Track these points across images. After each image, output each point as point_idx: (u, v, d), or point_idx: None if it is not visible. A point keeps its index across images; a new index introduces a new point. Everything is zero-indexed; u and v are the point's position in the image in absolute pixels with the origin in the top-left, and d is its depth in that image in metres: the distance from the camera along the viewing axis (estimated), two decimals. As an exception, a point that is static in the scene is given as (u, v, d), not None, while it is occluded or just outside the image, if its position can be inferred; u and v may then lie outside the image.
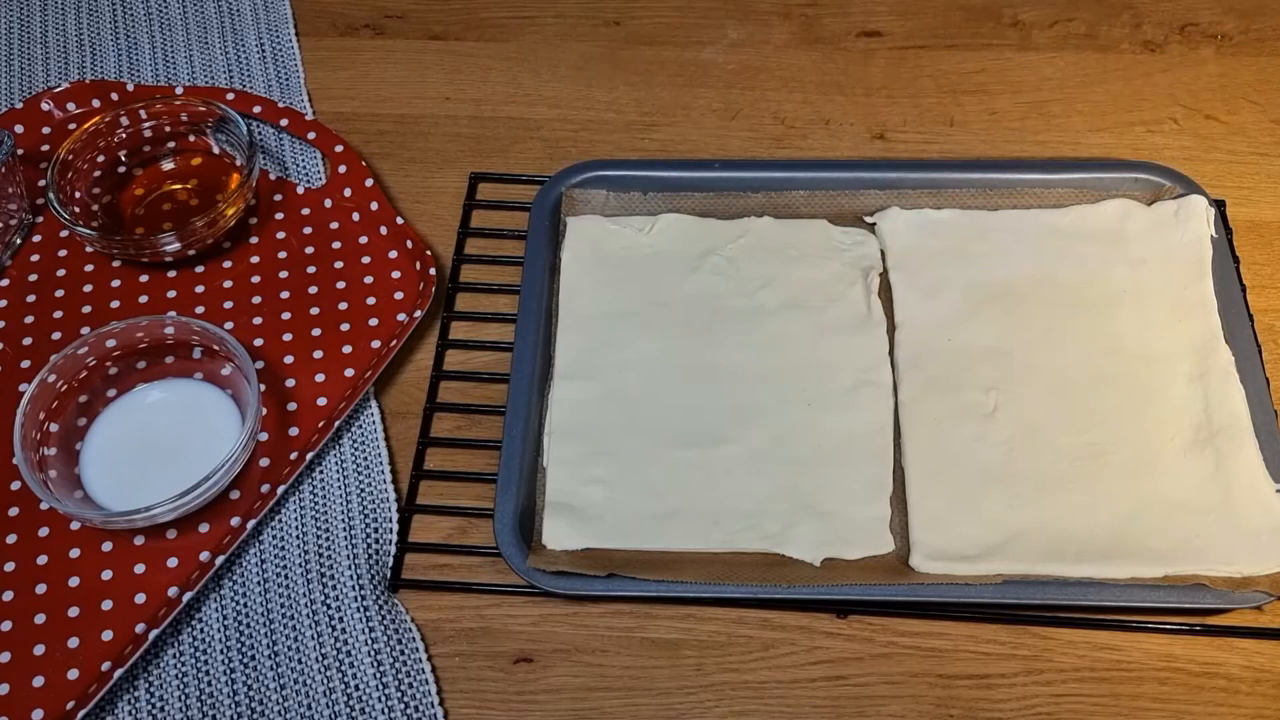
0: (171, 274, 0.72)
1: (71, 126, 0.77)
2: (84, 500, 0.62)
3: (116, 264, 0.72)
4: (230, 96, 0.79)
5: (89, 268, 0.72)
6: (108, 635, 0.59)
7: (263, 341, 0.69)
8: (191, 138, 0.77)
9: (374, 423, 0.67)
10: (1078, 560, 0.60)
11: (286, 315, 0.70)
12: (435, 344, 0.70)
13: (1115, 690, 0.58)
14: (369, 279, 0.71)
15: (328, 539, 0.63)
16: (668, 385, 0.67)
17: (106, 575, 0.61)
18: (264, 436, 0.65)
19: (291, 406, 0.66)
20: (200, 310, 0.70)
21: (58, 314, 0.70)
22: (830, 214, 0.73)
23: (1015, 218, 0.72)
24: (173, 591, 0.60)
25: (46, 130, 0.78)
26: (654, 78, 0.83)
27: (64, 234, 0.74)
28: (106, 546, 0.62)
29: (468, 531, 0.64)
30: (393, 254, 0.72)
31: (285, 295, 0.71)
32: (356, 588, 0.61)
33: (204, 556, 0.61)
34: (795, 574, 0.60)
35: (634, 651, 0.60)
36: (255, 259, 0.73)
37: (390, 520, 0.64)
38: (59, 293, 0.71)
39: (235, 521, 0.62)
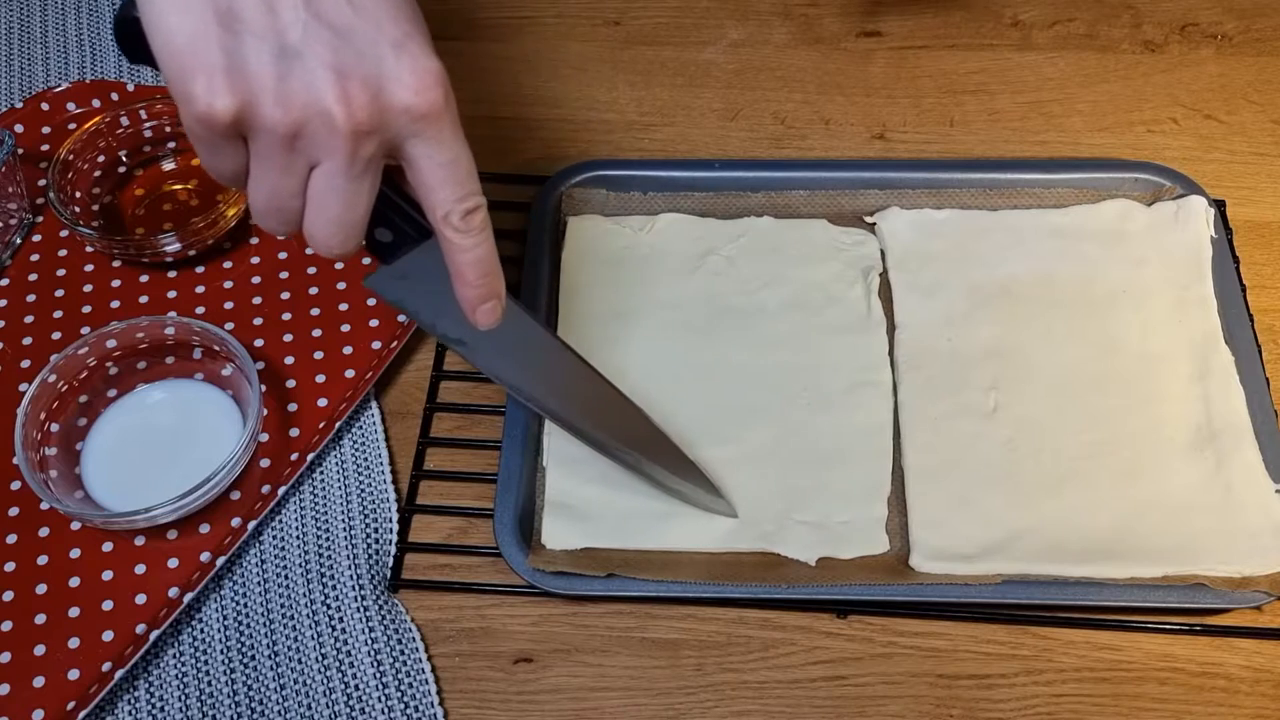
0: (172, 274, 0.72)
1: (71, 126, 0.77)
2: (84, 500, 0.62)
3: (116, 264, 0.72)
4: (230, 96, 0.79)
5: (89, 268, 0.72)
6: (108, 636, 0.59)
7: (263, 342, 0.69)
8: (192, 138, 0.77)
9: (374, 423, 0.67)
10: (1078, 560, 0.60)
11: (287, 316, 0.70)
12: (435, 344, 0.70)
13: (1115, 690, 0.58)
14: (369, 279, 0.71)
15: (328, 539, 0.63)
16: (667, 385, 0.67)
17: (107, 576, 0.61)
18: (264, 437, 0.65)
19: (292, 407, 0.66)
20: (201, 310, 0.70)
21: (58, 314, 0.70)
22: (830, 214, 0.73)
23: (1015, 218, 0.72)
24: (173, 592, 0.60)
25: (46, 130, 0.78)
26: (654, 78, 0.83)
27: (64, 234, 0.74)
28: (107, 547, 0.62)
29: (468, 531, 0.64)
30: (393, 254, 0.72)
31: (286, 296, 0.71)
32: (356, 588, 0.61)
33: (204, 557, 0.61)
34: (795, 574, 0.60)
35: (634, 651, 0.60)
36: (256, 259, 0.73)
37: (390, 520, 0.64)
38: (59, 293, 0.71)
39: (236, 522, 0.62)
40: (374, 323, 0.70)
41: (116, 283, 0.72)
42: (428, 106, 0.45)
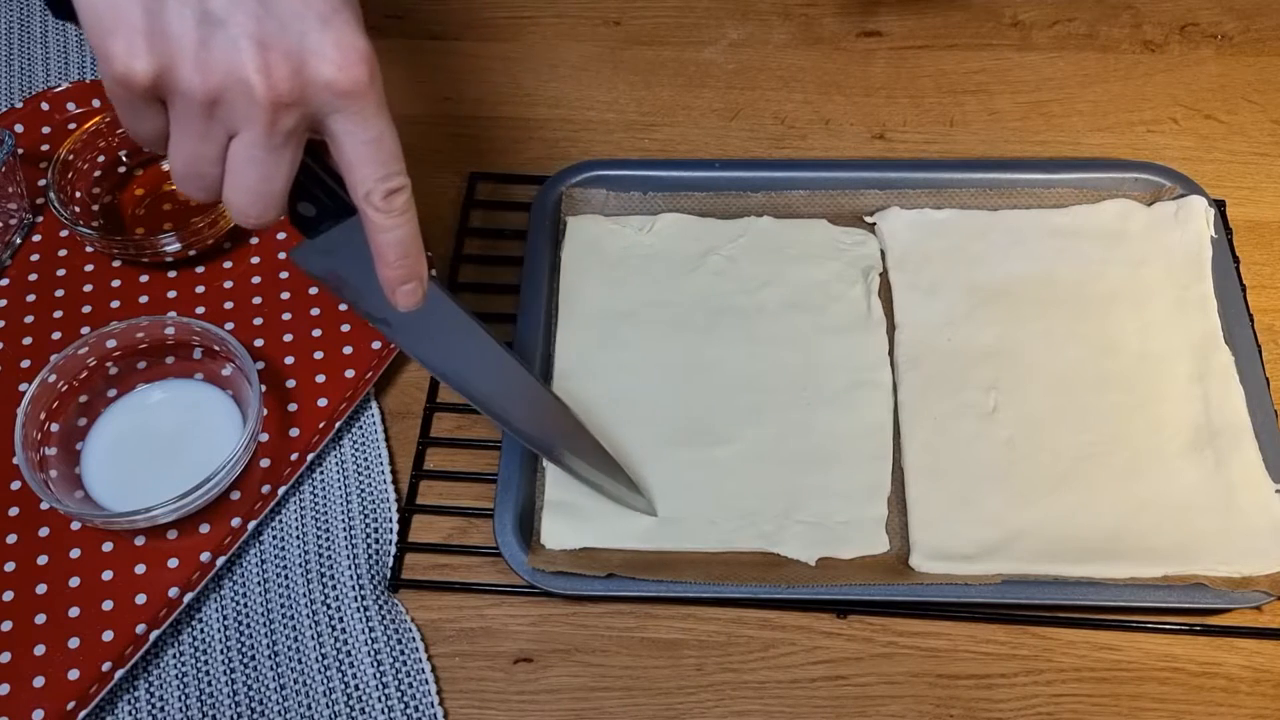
0: (172, 274, 0.72)
1: (71, 126, 0.77)
2: (84, 500, 0.62)
3: (116, 264, 0.72)
4: (230, 96, 0.79)
5: (89, 268, 0.72)
6: (108, 635, 0.59)
7: (263, 342, 0.69)
8: (192, 138, 0.76)
9: (374, 423, 0.67)
10: (1077, 560, 0.60)
11: (287, 316, 0.70)
12: (435, 344, 0.70)
13: (1115, 690, 0.58)
14: (369, 279, 0.71)
15: (328, 539, 0.63)
16: (667, 385, 0.67)
17: (107, 575, 0.61)
18: (264, 437, 0.65)
19: (292, 407, 0.66)
20: (201, 310, 0.70)
21: (58, 314, 0.70)
22: (830, 214, 0.73)
23: (1015, 217, 0.72)
24: (173, 592, 0.60)
25: (46, 130, 0.78)
26: (654, 78, 0.83)
27: (64, 234, 0.74)
28: (107, 547, 0.62)
29: (468, 531, 0.64)
30: (393, 254, 0.72)
31: (286, 296, 0.71)
32: (356, 588, 0.61)
33: (204, 557, 0.61)
34: (795, 574, 0.60)
35: (634, 651, 0.60)
36: (256, 259, 0.73)
37: (390, 520, 0.64)
38: (59, 293, 0.71)
39: (236, 522, 0.62)
40: (374, 323, 0.70)
41: (116, 283, 0.72)
42: (351, 83, 0.45)
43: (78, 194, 0.73)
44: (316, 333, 0.69)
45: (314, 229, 0.51)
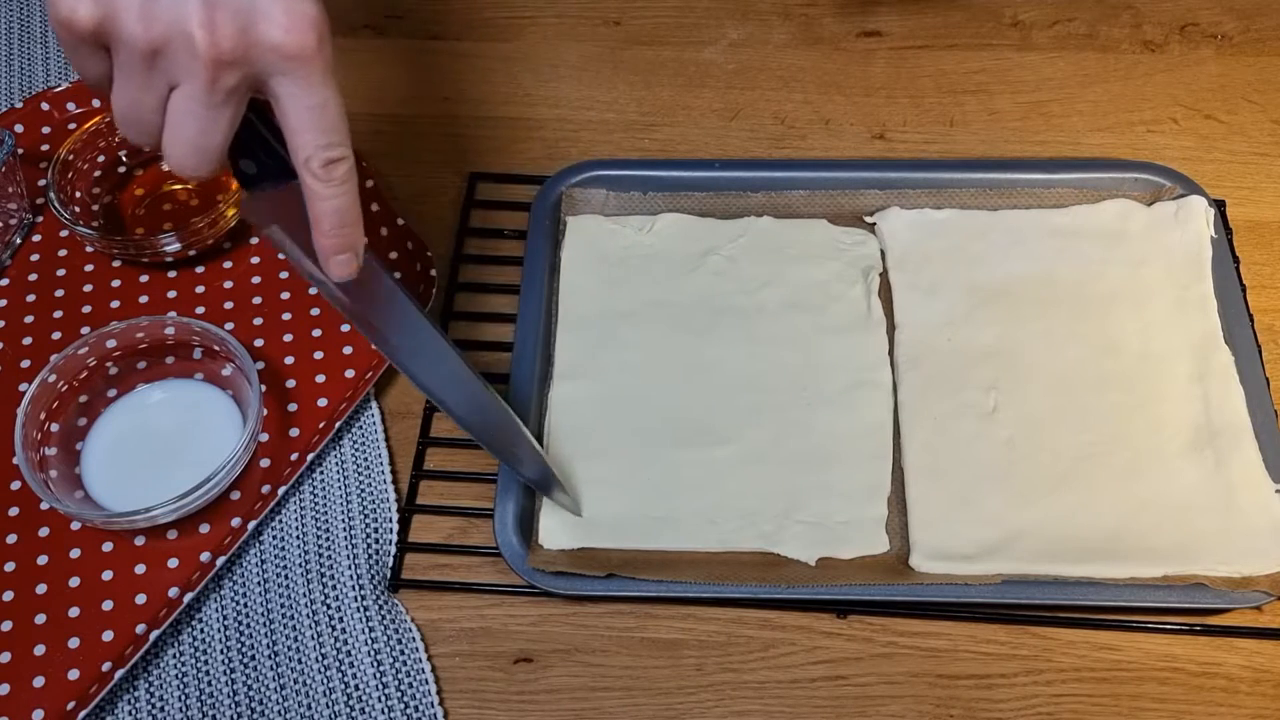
0: (172, 274, 0.72)
1: (71, 126, 0.77)
2: (84, 500, 0.62)
3: (116, 264, 0.72)
4: (230, 96, 0.79)
5: (89, 268, 0.72)
6: (108, 635, 0.59)
7: (263, 342, 0.69)
8: (192, 138, 0.76)
9: (374, 423, 0.67)
10: (1077, 560, 0.60)
11: (287, 316, 0.70)
12: (435, 344, 0.70)
13: (1115, 690, 0.58)
14: (369, 279, 0.71)
15: (328, 539, 0.63)
16: (667, 385, 0.67)
17: (107, 576, 0.61)
18: (264, 437, 0.65)
19: (292, 407, 0.66)
20: (200, 310, 0.70)
21: (58, 314, 0.70)
22: (830, 214, 0.73)
23: (1015, 217, 0.72)
24: (173, 592, 0.60)
25: (46, 130, 0.78)
26: (654, 78, 0.83)
27: (64, 234, 0.74)
28: (107, 547, 0.62)
29: (468, 531, 0.64)
30: (393, 255, 0.72)
31: (286, 296, 0.71)
32: (356, 588, 0.61)
33: (204, 557, 0.61)
34: (795, 574, 0.60)
35: (634, 651, 0.60)
36: (256, 259, 0.73)
37: (390, 520, 0.64)
38: (59, 293, 0.71)
39: (236, 522, 0.62)
40: (374, 323, 0.70)
41: (116, 283, 0.72)
42: (297, 48, 0.45)
43: (78, 194, 0.73)
44: (316, 333, 0.69)
45: (255, 186, 0.51)
